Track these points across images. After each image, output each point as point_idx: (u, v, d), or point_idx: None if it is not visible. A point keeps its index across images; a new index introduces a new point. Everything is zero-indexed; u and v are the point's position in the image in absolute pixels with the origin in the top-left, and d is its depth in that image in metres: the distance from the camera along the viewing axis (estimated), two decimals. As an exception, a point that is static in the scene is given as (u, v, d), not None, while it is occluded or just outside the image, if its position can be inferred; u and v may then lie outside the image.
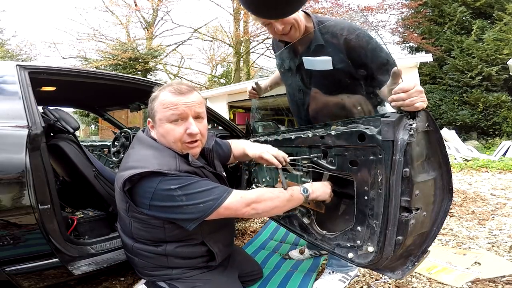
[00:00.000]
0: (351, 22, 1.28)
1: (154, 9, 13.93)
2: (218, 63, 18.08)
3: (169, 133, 1.07)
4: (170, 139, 1.08)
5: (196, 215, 0.99)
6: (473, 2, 9.67)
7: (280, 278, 1.54)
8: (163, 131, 1.08)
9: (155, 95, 1.11)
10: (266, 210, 1.08)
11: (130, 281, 1.64)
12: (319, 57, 1.28)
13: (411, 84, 0.84)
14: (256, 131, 1.78)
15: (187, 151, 1.09)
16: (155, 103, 1.10)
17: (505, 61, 7.95)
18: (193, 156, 1.10)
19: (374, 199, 0.96)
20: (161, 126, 1.08)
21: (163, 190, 0.97)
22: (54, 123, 1.58)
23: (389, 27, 11.37)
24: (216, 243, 1.17)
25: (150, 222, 1.05)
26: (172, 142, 1.08)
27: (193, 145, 1.10)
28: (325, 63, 1.27)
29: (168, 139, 1.08)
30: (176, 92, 1.07)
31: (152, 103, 1.11)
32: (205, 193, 1.00)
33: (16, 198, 1.10)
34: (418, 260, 0.97)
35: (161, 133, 1.09)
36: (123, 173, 1.02)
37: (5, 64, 1.38)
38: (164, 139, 1.09)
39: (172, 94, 1.07)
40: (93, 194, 1.68)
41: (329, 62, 1.26)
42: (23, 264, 1.12)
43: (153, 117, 1.11)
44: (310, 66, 1.33)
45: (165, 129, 1.07)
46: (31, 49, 15.00)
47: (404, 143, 0.86)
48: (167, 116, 1.06)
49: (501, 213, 2.56)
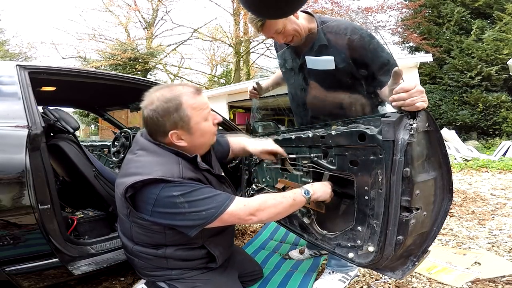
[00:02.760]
0: (353, 23, 1.28)
1: (154, 9, 13.94)
2: (218, 63, 18.07)
3: (207, 130, 1.11)
4: (208, 136, 1.13)
5: (198, 222, 0.98)
6: (472, 2, 9.68)
7: (280, 278, 1.54)
8: (201, 131, 1.09)
9: (176, 104, 1.03)
10: (269, 217, 1.08)
11: (130, 281, 1.64)
12: (321, 57, 1.29)
13: (412, 84, 0.85)
14: (256, 131, 1.78)
15: (213, 141, 1.17)
16: (183, 111, 1.03)
17: (505, 61, 7.96)
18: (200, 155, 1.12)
19: (375, 199, 0.96)
20: (199, 128, 1.08)
21: (166, 197, 0.96)
22: (54, 123, 1.58)
23: (389, 27, 11.38)
24: (217, 247, 1.16)
25: (151, 227, 1.05)
26: (209, 138, 1.14)
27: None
28: (327, 62, 1.27)
29: (206, 137, 1.13)
30: (197, 91, 1.10)
31: (179, 112, 1.03)
32: (207, 200, 0.99)
33: (16, 198, 1.09)
34: (418, 260, 0.97)
35: (200, 134, 1.09)
36: (124, 179, 1.00)
37: (5, 64, 1.37)
38: (202, 139, 1.11)
39: (195, 95, 1.08)
40: (93, 194, 1.68)
41: (331, 62, 1.27)
42: (23, 264, 1.12)
43: (186, 125, 1.05)
44: (312, 66, 1.34)
45: (204, 128, 1.09)
46: (31, 49, 15.00)
47: (404, 143, 0.86)
48: (204, 115, 1.09)
49: (501, 213, 2.56)
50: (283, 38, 1.29)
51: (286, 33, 1.27)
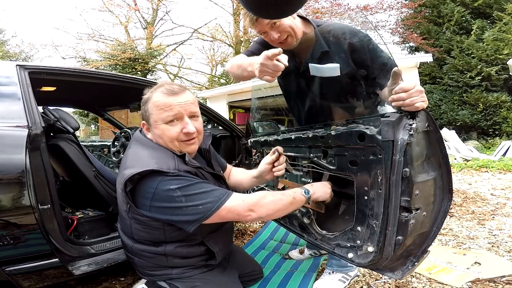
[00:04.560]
0: (349, 25, 1.28)
1: (153, 9, 13.93)
2: (218, 63, 18.06)
3: (165, 133, 1.07)
4: (166, 139, 1.08)
5: (195, 217, 0.98)
6: (471, 2, 9.68)
7: (280, 278, 1.54)
8: (159, 132, 1.08)
9: (147, 97, 1.11)
10: (268, 214, 1.08)
11: (130, 281, 1.64)
12: (327, 65, 1.25)
13: (411, 84, 0.85)
14: (256, 131, 1.78)
15: (185, 149, 1.10)
16: (148, 105, 1.10)
17: (505, 61, 7.96)
18: (190, 155, 1.10)
19: (374, 199, 0.96)
20: (157, 128, 1.08)
21: (164, 191, 0.97)
22: (54, 123, 1.58)
23: (388, 27, 11.38)
24: (216, 243, 1.17)
25: (150, 224, 1.05)
26: (169, 142, 1.09)
27: (190, 142, 1.11)
28: (333, 70, 1.24)
29: (165, 140, 1.09)
30: (169, 92, 1.07)
31: (145, 105, 1.10)
32: (204, 194, 0.99)
33: (16, 198, 1.10)
34: (418, 260, 0.97)
35: (158, 134, 1.09)
36: (123, 172, 1.02)
37: (5, 64, 1.38)
38: (161, 140, 1.10)
39: (165, 95, 1.07)
40: (93, 194, 1.68)
41: (337, 69, 1.23)
42: (23, 264, 1.12)
43: (148, 119, 1.11)
44: (317, 73, 1.29)
45: (161, 130, 1.07)
46: (32, 49, 15.00)
47: (404, 143, 0.86)
48: (162, 117, 1.06)
49: (501, 213, 2.56)
50: (277, 33, 1.23)
51: (281, 28, 1.22)
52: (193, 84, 15.14)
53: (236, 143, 2.30)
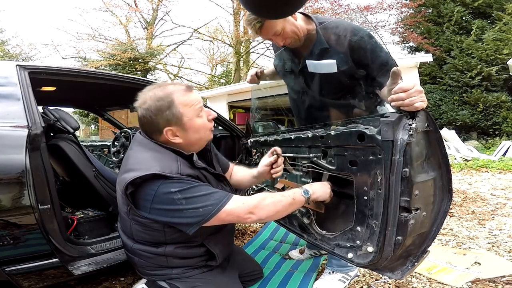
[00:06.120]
0: (352, 23, 1.28)
1: (153, 9, 13.93)
2: (218, 63, 18.07)
3: (201, 126, 1.12)
4: (203, 131, 1.13)
5: (195, 220, 0.98)
6: (471, 2, 9.67)
7: (280, 278, 1.54)
8: (196, 127, 1.10)
9: (168, 102, 1.05)
10: (268, 216, 1.08)
11: (130, 281, 1.64)
12: (323, 61, 1.27)
13: (410, 84, 0.85)
14: (256, 131, 1.78)
15: (209, 136, 1.17)
16: (174, 108, 1.05)
17: (505, 61, 7.95)
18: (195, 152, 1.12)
19: (374, 199, 0.96)
20: (192, 124, 1.09)
21: (164, 194, 0.97)
22: (54, 123, 1.58)
23: (388, 27, 11.37)
24: (216, 245, 1.17)
25: (150, 225, 1.05)
26: (205, 133, 1.14)
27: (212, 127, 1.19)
28: (330, 66, 1.26)
29: (201, 133, 1.13)
30: (186, 89, 1.11)
31: (170, 110, 1.05)
32: (204, 197, 0.99)
33: (16, 198, 1.09)
34: (417, 260, 0.98)
35: (194, 130, 1.10)
36: (124, 175, 1.01)
37: (5, 64, 1.38)
38: (197, 135, 1.12)
39: (187, 92, 1.10)
40: (93, 194, 1.68)
41: (334, 65, 1.25)
42: (23, 264, 1.12)
43: (179, 121, 1.07)
44: (314, 69, 1.32)
45: (197, 124, 1.10)
46: (32, 50, 14.99)
47: (403, 143, 0.86)
48: (196, 111, 1.10)
49: (501, 213, 2.56)
50: (282, 40, 1.27)
51: (285, 35, 1.25)
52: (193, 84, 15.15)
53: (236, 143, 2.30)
